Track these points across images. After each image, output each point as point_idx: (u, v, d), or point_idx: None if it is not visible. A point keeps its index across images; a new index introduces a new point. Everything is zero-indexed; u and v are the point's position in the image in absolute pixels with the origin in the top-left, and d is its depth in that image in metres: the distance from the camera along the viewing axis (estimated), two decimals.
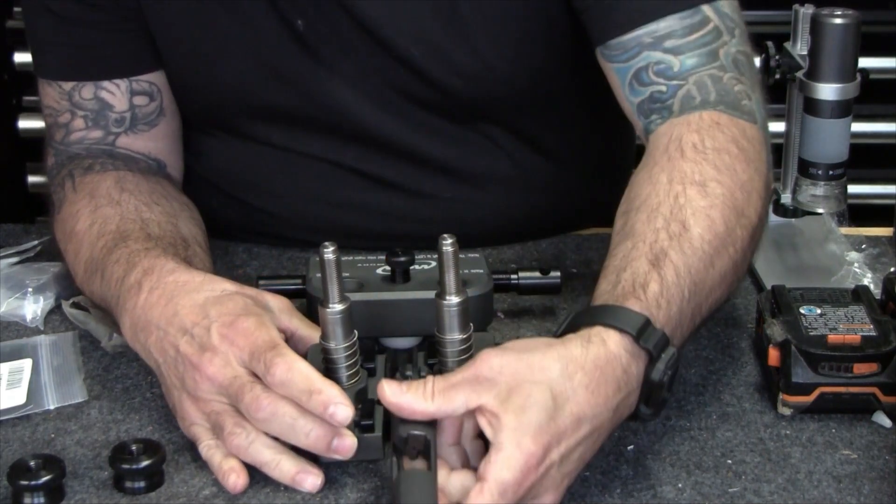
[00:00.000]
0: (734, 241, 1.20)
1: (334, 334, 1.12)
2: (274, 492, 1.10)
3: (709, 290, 1.18)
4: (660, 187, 1.22)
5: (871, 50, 1.53)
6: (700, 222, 1.18)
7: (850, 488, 1.11)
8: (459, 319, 1.12)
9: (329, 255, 1.09)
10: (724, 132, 1.26)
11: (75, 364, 1.27)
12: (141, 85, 1.43)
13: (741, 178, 1.23)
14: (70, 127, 1.44)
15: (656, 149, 1.27)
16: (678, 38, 1.31)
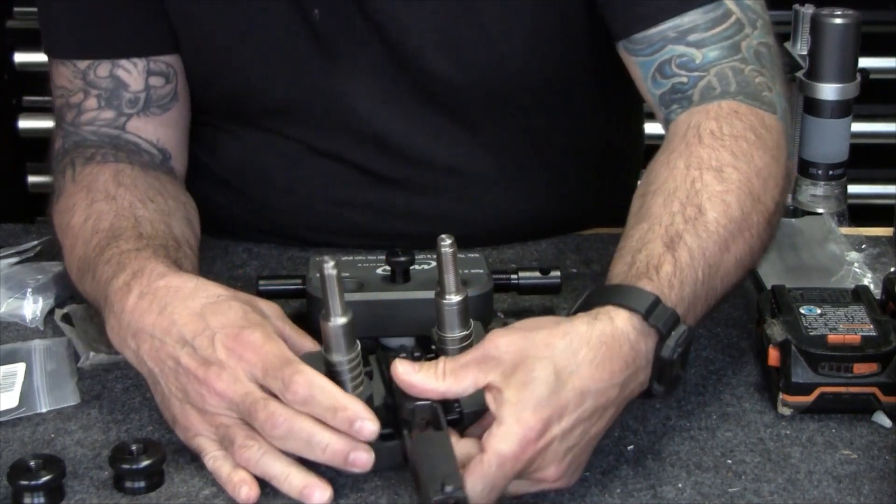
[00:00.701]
0: (750, 226, 1.22)
1: (338, 347, 1.10)
2: (274, 492, 1.10)
3: (724, 273, 1.19)
4: (677, 172, 1.24)
5: (871, 50, 1.53)
6: (716, 206, 1.20)
7: (850, 488, 1.11)
8: (459, 318, 1.12)
9: (330, 271, 1.07)
10: (742, 120, 1.28)
11: (68, 368, 1.27)
12: (158, 65, 1.42)
13: (758, 164, 1.25)
14: (82, 107, 1.42)
15: (675, 136, 1.29)
16: (702, 31, 1.33)
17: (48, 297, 1.37)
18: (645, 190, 1.25)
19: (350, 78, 1.42)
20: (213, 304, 1.15)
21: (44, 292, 1.37)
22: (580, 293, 1.37)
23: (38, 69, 2.44)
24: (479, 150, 1.48)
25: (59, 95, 1.44)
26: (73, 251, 1.32)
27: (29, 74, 2.54)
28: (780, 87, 1.33)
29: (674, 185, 1.23)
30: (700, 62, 1.33)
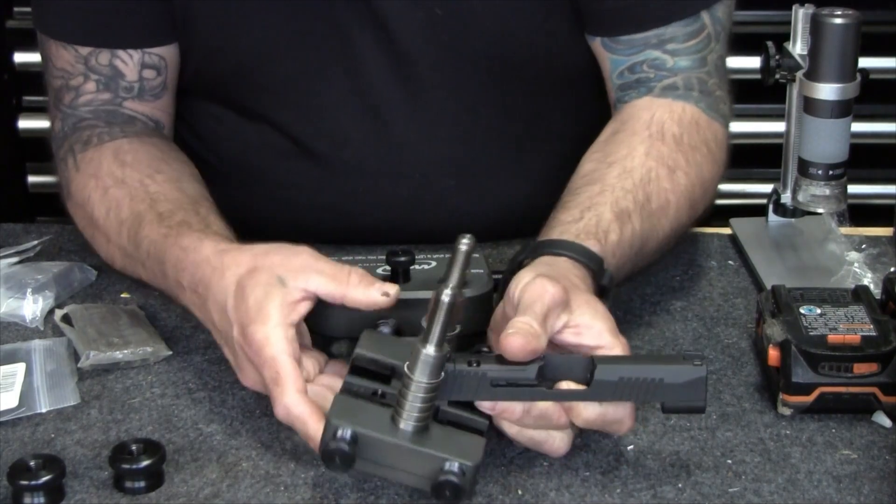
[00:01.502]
0: (679, 228, 1.36)
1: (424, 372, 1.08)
2: (274, 492, 1.10)
3: (644, 260, 1.33)
4: (636, 155, 1.34)
5: (871, 50, 1.53)
6: (660, 201, 1.32)
7: (850, 488, 1.11)
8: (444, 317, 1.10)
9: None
10: (700, 133, 1.38)
11: (69, 368, 1.27)
12: (151, 58, 1.45)
13: (705, 176, 1.37)
14: (81, 90, 1.45)
15: (636, 120, 1.38)
16: (679, 42, 1.41)
17: (48, 297, 1.37)
18: (601, 157, 1.34)
19: (352, 57, 1.42)
20: (234, 291, 1.17)
21: (43, 292, 1.37)
22: None
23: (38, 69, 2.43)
24: (480, 137, 1.48)
25: (59, 76, 1.46)
26: (108, 243, 1.38)
27: (29, 74, 2.54)
28: (729, 100, 1.44)
29: (631, 165, 1.32)
30: (671, 66, 1.41)
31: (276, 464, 1.14)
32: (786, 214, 1.50)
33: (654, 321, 1.34)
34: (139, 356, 1.27)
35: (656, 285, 1.40)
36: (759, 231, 1.50)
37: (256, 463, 1.14)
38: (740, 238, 1.48)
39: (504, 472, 1.12)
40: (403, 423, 1.06)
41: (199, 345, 1.30)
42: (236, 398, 1.22)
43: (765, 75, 1.44)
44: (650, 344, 1.30)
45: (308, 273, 1.17)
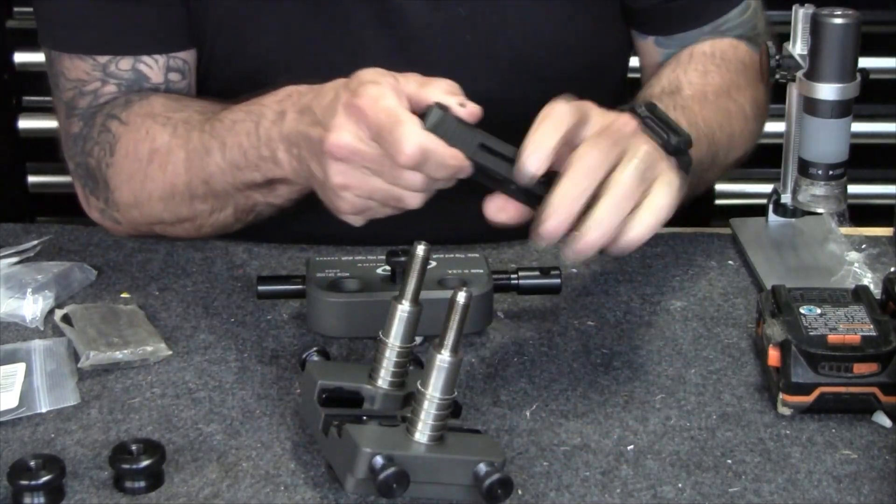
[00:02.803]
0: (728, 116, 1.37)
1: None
2: (274, 492, 1.10)
3: (703, 123, 1.34)
4: (663, 74, 1.40)
5: (871, 50, 1.53)
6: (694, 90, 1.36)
7: (850, 488, 1.11)
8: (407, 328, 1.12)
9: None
10: (736, 52, 1.43)
11: (69, 368, 1.27)
12: (176, 62, 1.44)
13: (738, 80, 1.41)
14: (99, 92, 1.44)
15: (667, 59, 1.44)
16: (732, 23, 1.47)
17: (48, 297, 1.37)
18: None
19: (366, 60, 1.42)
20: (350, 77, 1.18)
21: (44, 292, 1.37)
22: (580, 293, 1.38)
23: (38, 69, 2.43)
24: None
25: (72, 88, 1.44)
26: (168, 161, 1.35)
27: (29, 74, 2.54)
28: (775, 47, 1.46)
29: (657, 80, 1.39)
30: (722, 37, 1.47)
31: (276, 464, 1.14)
32: (786, 214, 1.50)
33: (654, 321, 1.34)
34: (139, 356, 1.27)
35: (656, 285, 1.40)
36: (759, 231, 1.50)
37: (256, 463, 1.14)
38: (740, 238, 1.48)
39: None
40: (424, 437, 1.05)
41: (199, 345, 1.30)
42: (236, 398, 1.22)
43: (765, 75, 1.44)
44: (650, 344, 1.30)
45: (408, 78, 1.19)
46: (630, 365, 1.26)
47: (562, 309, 1.36)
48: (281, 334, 1.31)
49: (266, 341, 1.30)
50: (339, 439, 1.07)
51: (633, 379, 1.25)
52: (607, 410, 1.20)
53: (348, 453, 1.05)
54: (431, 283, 1.27)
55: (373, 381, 1.12)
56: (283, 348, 1.29)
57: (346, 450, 1.05)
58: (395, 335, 1.11)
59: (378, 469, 1.02)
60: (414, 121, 1.12)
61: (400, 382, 1.12)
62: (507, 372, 1.26)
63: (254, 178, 1.29)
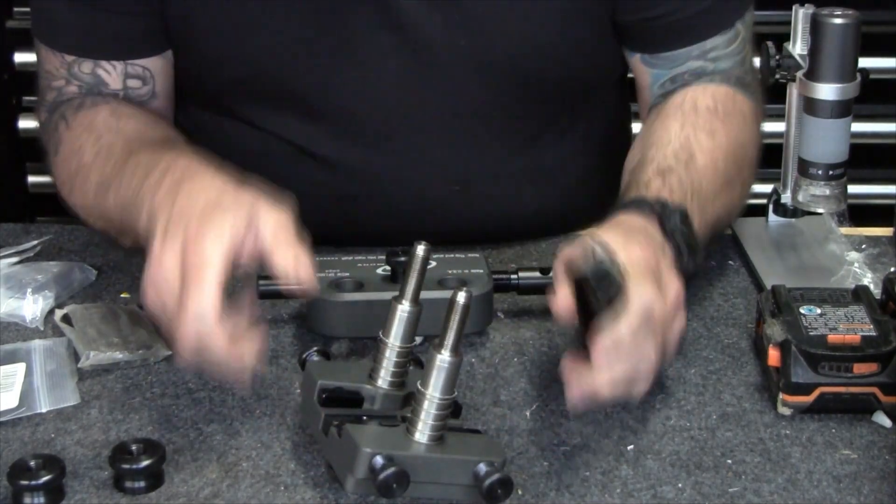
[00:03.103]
0: (732, 183, 1.36)
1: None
2: (274, 492, 1.10)
3: (711, 205, 1.32)
4: (672, 130, 1.37)
5: (871, 50, 1.53)
6: (706, 156, 1.34)
7: (850, 488, 1.11)
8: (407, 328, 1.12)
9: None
10: (736, 104, 1.41)
11: (69, 368, 1.27)
12: (135, 69, 1.46)
13: (743, 138, 1.39)
14: (63, 91, 1.46)
15: (670, 105, 1.42)
16: (720, 50, 1.45)
17: (48, 297, 1.37)
18: (640, 148, 1.38)
19: (361, 64, 1.42)
20: (221, 187, 1.17)
21: (44, 292, 1.37)
22: None
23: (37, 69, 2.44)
24: (489, 142, 1.48)
25: (44, 77, 1.48)
26: (86, 183, 1.37)
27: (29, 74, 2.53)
28: (760, 92, 1.47)
29: (668, 138, 1.35)
30: (711, 70, 1.44)
31: (276, 464, 1.14)
32: (786, 214, 1.50)
33: None
34: (139, 356, 1.27)
35: None
36: (759, 231, 1.50)
37: (256, 463, 1.14)
38: (740, 238, 1.48)
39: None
40: (423, 437, 1.05)
41: None
42: (236, 398, 1.22)
43: (765, 75, 1.44)
44: None
45: (270, 222, 1.15)
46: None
47: None
48: (281, 334, 1.31)
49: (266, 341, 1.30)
50: (339, 439, 1.07)
51: None
52: (607, 410, 1.20)
53: (348, 453, 1.04)
54: (431, 283, 1.27)
55: (373, 381, 1.12)
56: (283, 348, 1.29)
57: (346, 450, 1.05)
58: (395, 335, 1.11)
59: (378, 469, 1.02)
60: (217, 281, 1.10)
61: (400, 382, 1.12)
62: (507, 372, 1.26)
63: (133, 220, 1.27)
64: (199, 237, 1.12)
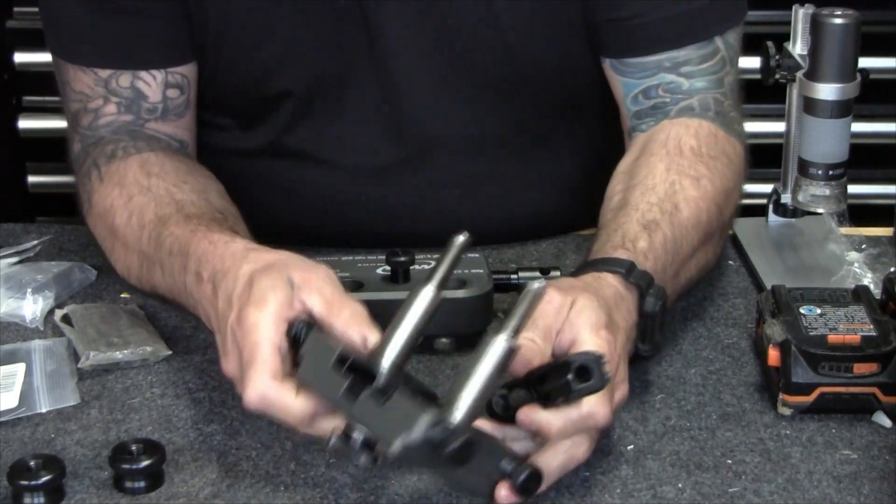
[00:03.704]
0: (713, 235, 1.33)
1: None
2: (274, 492, 1.10)
3: (687, 270, 1.30)
4: (657, 173, 1.33)
5: (871, 50, 1.53)
6: (690, 208, 1.30)
7: (850, 488, 1.11)
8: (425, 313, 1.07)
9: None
10: (718, 144, 1.38)
11: (69, 368, 1.27)
12: (175, 77, 1.44)
13: (727, 184, 1.36)
14: (100, 112, 1.43)
15: (654, 142, 1.38)
16: (694, 65, 1.41)
17: (48, 297, 1.37)
18: (623, 186, 1.33)
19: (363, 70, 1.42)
20: (250, 277, 1.14)
21: (43, 292, 1.37)
22: None
23: (38, 69, 2.44)
24: (486, 148, 1.48)
25: (77, 100, 1.44)
26: (127, 251, 1.35)
27: (29, 74, 2.54)
28: (742, 121, 1.44)
29: (653, 182, 1.31)
30: (686, 89, 1.41)
31: (276, 464, 1.14)
32: (786, 214, 1.50)
33: None
34: (139, 356, 1.27)
35: None
36: (759, 231, 1.50)
37: (256, 463, 1.14)
38: (740, 238, 1.48)
39: None
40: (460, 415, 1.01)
41: (199, 345, 1.30)
42: (236, 398, 1.22)
43: (765, 75, 1.44)
44: None
45: (312, 289, 1.12)
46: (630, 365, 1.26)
47: None
48: None
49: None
50: (381, 406, 1.03)
51: (632, 379, 1.24)
52: None
53: (402, 416, 1.01)
54: None
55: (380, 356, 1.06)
56: None
57: (397, 413, 1.02)
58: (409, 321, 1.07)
59: (438, 438, 0.99)
60: (266, 363, 1.08)
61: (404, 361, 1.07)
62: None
63: (188, 308, 1.28)
64: (242, 316, 1.10)
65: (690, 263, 1.30)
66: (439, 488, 1.10)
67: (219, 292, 1.17)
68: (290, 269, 1.13)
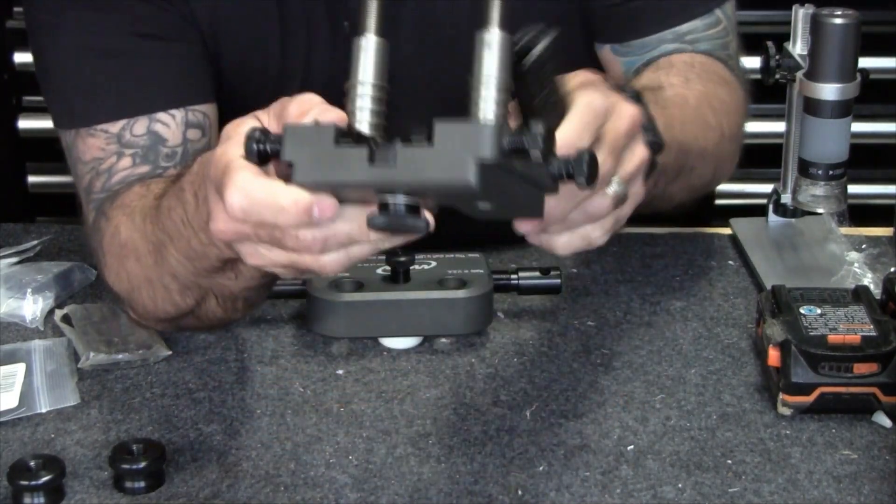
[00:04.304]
0: (707, 126, 1.30)
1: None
2: (274, 492, 1.10)
3: (680, 122, 1.24)
4: (644, 73, 1.34)
5: (871, 50, 1.53)
6: (674, 91, 1.29)
7: (850, 488, 1.11)
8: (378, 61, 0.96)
9: None
10: (714, 66, 1.37)
11: (68, 368, 1.27)
12: (196, 116, 1.34)
13: (723, 95, 1.34)
14: (114, 169, 1.33)
15: (644, 68, 1.38)
16: (698, 33, 1.40)
17: (48, 297, 1.37)
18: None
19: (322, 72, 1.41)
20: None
21: (43, 292, 1.37)
22: (580, 293, 1.38)
23: None
24: None
25: (88, 171, 1.34)
26: (139, 257, 1.23)
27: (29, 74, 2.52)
28: (746, 88, 1.42)
29: (636, 80, 1.32)
30: (689, 51, 1.39)
31: (276, 464, 1.14)
32: (786, 214, 1.50)
33: (654, 321, 1.34)
34: (139, 356, 1.27)
35: (656, 285, 1.40)
36: (759, 231, 1.50)
37: (256, 463, 1.14)
38: (740, 238, 1.48)
39: (504, 472, 1.12)
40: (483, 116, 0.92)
41: (199, 345, 1.30)
42: (236, 398, 1.22)
43: (765, 75, 1.44)
44: (650, 344, 1.30)
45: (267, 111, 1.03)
46: (630, 365, 1.27)
47: (562, 309, 1.36)
48: (281, 334, 1.32)
49: (266, 341, 1.30)
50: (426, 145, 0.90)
51: (633, 379, 1.25)
52: (607, 410, 1.20)
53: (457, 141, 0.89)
54: (431, 284, 1.27)
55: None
56: (283, 348, 1.29)
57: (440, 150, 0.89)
58: (363, 72, 0.96)
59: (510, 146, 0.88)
60: (242, 167, 0.97)
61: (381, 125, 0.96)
62: (507, 372, 1.26)
63: (209, 263, 1.15)
64: (211, 158, 1.01)
65: (683, 125, 1.25)
66: (439, 488, 1.10)
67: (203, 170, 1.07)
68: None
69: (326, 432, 1.17)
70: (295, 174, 0.93)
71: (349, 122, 0.96)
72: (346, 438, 1.16)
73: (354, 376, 1.25)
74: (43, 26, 1.35)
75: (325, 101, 0.99)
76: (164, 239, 1.18)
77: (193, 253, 1.15)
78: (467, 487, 1.10)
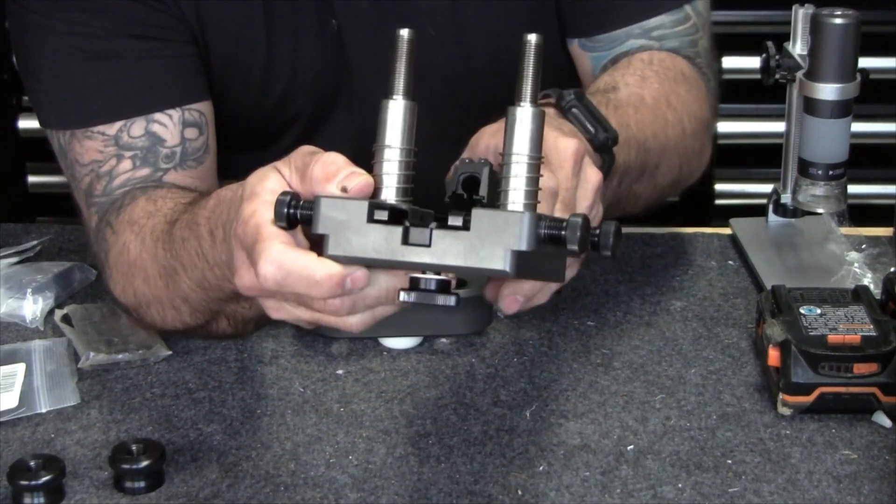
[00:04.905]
0: (666, 123, 1.30)
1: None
2: (274, 492, 1.10)
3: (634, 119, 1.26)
4: (600, 79, 1.33)
5: (871, 50, 1.53)
6: (629, 90, 1.29)
7: (850, 488, 1.11)
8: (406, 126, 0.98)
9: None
10: (675, 63, 1.37)
11: (68, 368, 1.27)
12: (192, 115, 1.34)
13: (680, 92, 1.33)
14: (114, 172, 1.32)
15: (599, 65, 1.38)
16: (666, 29, 1.40)
17: (48, 297, 1.37)
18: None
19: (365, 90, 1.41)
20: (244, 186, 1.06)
21: (43, 292, 1.37)
22: (580, 293, 1.38)
23: None
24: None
25: (88, 173, 1.33)
26: (148, 278, 1.24)
27: None
28: (716, 82, 1.42)
29: (592, 84, 1.31)
30: (657, 48, 1.39)
31: (276, 464, 1.14)
32: (786, 214, 1.50)
33: (654, 321, 1.34)
34: (139, 356, 1.27)
35: (656, 285, 1.40)
36: (759, 231, 1.50)
37: (256, 463, 1.14)
38: (740, 238, 1.48)
39: (504, 472, 1.12)
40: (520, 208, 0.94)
41: (199, 345, 1.30)
42: (236, 398, 1.22)
43: (765, 75, 1.44)
44: (650, 344, 1.30)
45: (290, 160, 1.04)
46: (630, 365, 1.27)
47: (562, 309, 1.36)
48: (281, 334, 1.32)
49: (266, 341, 1.30)
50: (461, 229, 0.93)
51: (633, 379, 1.25)
52: (607, 410, 1.20)
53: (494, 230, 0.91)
54: None
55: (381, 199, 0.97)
56: (283, 348, 1.29)
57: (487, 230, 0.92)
58: (391, 137, 0.98)
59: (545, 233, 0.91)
60: (275, 237, 0.99)
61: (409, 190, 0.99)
62: (507, 372, 1.26)
63: (223, 294, 1.17)
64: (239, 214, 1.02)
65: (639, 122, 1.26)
66: (440, 488, 1.10)
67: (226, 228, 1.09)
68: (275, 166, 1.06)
69: (326, 432, 1.17)
70: (328, 247, 0.95)
71: (376, 185, 0.98)
72: (346, 438, 1.16)
73: (354, 376, 1.25)
74: (32, 27, 1.34)
75: (349, 163, 1.00)
76: (176, 266, 1.19)
77: (207, 284, 1.17)
78: (467, 487, 1.10)
